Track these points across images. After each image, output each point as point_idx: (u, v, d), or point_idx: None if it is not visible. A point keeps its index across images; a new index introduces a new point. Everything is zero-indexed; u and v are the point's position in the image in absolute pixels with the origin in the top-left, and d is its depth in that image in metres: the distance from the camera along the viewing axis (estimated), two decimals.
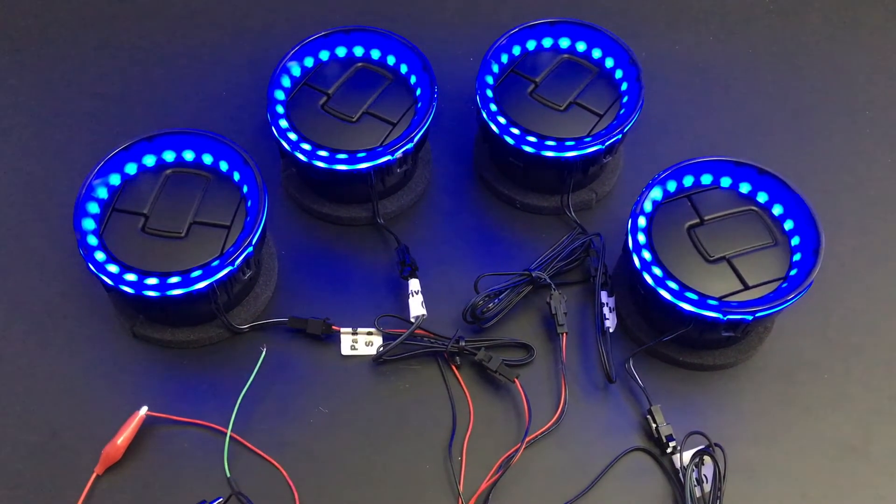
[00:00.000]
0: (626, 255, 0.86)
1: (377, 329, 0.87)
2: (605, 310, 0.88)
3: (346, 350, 0.87)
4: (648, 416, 0.82)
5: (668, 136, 1.02)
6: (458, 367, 0.86)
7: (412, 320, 0.85)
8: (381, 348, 0.85)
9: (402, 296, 0.89)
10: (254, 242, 0.80)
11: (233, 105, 1.02)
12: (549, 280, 0.88)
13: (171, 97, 1.03)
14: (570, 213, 0.94)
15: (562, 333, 0.86)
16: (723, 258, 0.82)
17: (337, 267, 0.92)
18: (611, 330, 0.87)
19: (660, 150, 1.01)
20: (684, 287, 0.80)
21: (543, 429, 0.83)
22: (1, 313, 0.88)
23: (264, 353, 0.84)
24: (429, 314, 0.87)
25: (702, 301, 0.79)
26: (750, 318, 0.78)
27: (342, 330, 0.87)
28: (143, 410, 0.81)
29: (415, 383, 0.86)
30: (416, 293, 0.86)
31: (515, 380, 0.84)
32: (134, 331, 0.86)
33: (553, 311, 0.87)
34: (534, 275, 0.88)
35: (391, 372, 0.86)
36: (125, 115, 1.01)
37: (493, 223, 0.96)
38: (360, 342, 0.87)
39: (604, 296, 0.89)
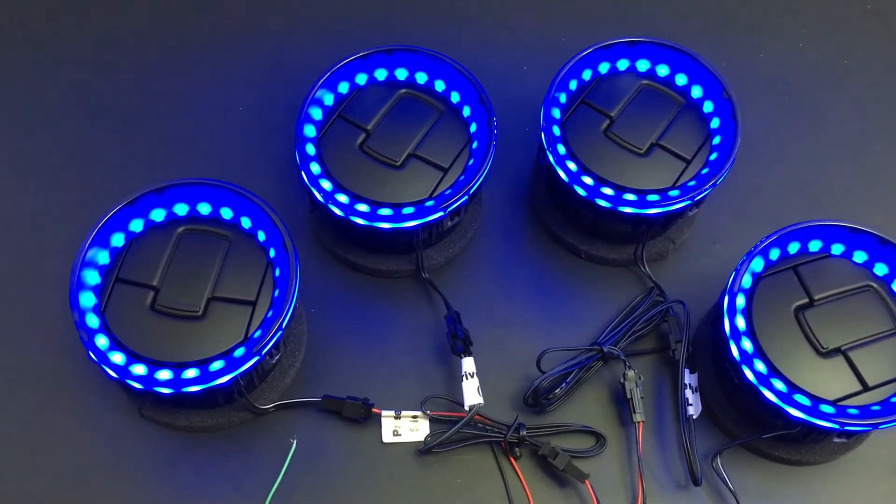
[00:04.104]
0: (716, 330, 0.73)
1: (423, 413, 0.75)
2: (688, 391, 0.76)
3: (387, 437, 0.75)
4: None
5: (750, 168, 0.88)
6: (517, 459, 0.74)
7: (466, 408, 0.73)
8: (429, 437, 0.74)
9: (452, 366, 0.77)
10: (284, 325, 0.68)
11: (254, 136, 0.88)
12: (623, 356, 0.76)
13: (181, 136, 0.88)
14: (645, 268, 0.81)
15: (638, 422, 0.74)
16: (837, 350, 0.69)
17: (375, 329, 0.80)
18: (694, 417, 0.75)
19: (741, 186, 0.87)
20: (793, 388, 0.68)
21: None
22: None
23: (294, 445, 0.72)
24: (481, 385, 0.75)
25: (814, 407, 0.67)
26: (870, 430, 0.66)
27: (383, 413, 0.75)
28: None
29: (467, 478, 0.74)
30: (471, 375, 0.74)
31: (586, 481, 0.72)
32: (142, 412, 0.74)
33: (628, 396, 0.75)
34: (605, 350, 0.76)
35: (440, 463, 0.75)
36: (128, 162, 0.86)
37: (554, 275, 0.84)
38: (404, 427, 0.75)
39: (686, 373, 0.76)
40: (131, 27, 0.94)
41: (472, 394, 0.73)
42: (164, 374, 0.66)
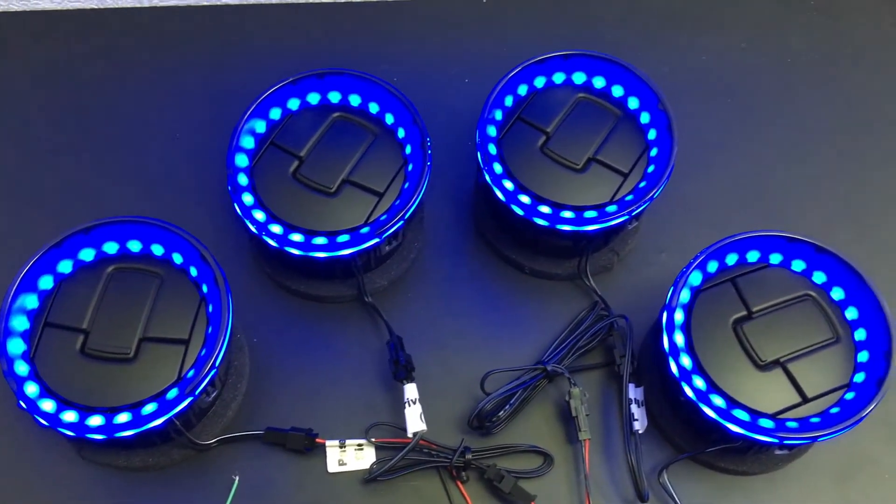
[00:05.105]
0: (658, 340, 0.73)
1: (368, 441, 0.74)
2: (633, 406, 0.76)
3: (333, 467, 0.74)
4: None
5: (693, 174, 0.88)
6: (464, 483, 0.74)
7: (410, 435, 0.73)
8: (375, 465, 0.73)
9: (397, 392, 0.77)
10: (217, 363, 0.67)
11: (192, 162, 0.86)
12: (567, 374, 0.75)
13: (118, 167, 0.86)
14: (590, 281, 0.81)
15: (584, 440, 0.74)
16: (776, 362, 0.69)
17: (319, 356, 0.79)
18: (640, 432, 0.75)
19: (685, 193, 0.87)
20: (732, 403, 0.67)
21: None
22: None
23: (237, 481, 0.72)
24: (427, 409, 0.74)
25: (753, 422, 0.66)
26: (809, 443, 0.66)
27: (328, 443, 0.74)
28: None
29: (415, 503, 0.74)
30: (414, 402, 0.73)
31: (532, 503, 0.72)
32: (82, 454, 0.73)
33: (574, 414, 0.74)
34: (549, 369, 0.76)
35: (387, 491, 0.74)
36: (59, 197, 0.84)
37: (499, 292, 0.83)
38: (350, 455, 0.74)
39: (631, 388, 0.76)
40: (62, 53, 0.92)
41: (414, 420, 0.73)
42: (96, 420, 0.65)
